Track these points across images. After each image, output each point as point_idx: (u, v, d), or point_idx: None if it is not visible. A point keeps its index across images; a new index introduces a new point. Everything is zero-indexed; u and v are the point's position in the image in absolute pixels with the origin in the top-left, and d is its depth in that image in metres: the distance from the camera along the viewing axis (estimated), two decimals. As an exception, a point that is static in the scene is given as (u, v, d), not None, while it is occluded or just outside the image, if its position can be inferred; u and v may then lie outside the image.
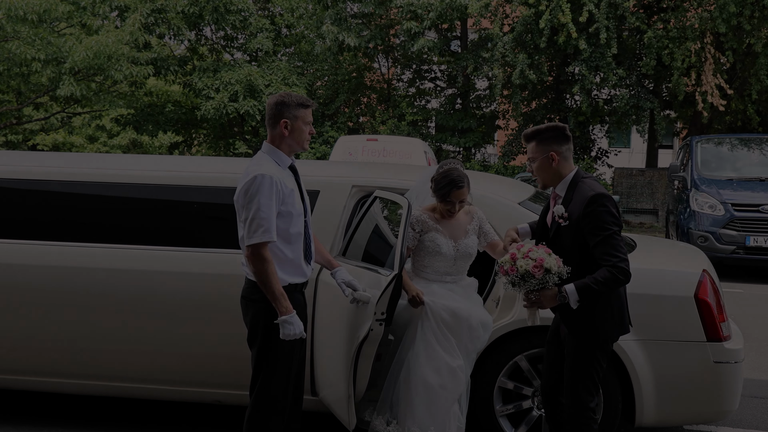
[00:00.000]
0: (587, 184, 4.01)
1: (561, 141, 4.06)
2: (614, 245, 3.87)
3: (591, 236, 3.89)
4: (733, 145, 14.15)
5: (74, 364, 5.08)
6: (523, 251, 3.91)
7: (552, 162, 4.04)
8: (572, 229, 3.97)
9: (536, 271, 3.86)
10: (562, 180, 4.07)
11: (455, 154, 24.29)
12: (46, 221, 5.24)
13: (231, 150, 27.42)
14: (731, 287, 11.48)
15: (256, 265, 3.88)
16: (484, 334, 4.63)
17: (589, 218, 3.89)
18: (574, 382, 4.04)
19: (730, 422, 5.65)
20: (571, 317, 4.01)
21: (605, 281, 3.86)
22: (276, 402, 4.04)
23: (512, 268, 3.92)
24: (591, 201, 3.89)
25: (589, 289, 3.88)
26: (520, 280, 3.93)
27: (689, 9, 18.94)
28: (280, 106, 4.04)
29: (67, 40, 19.82)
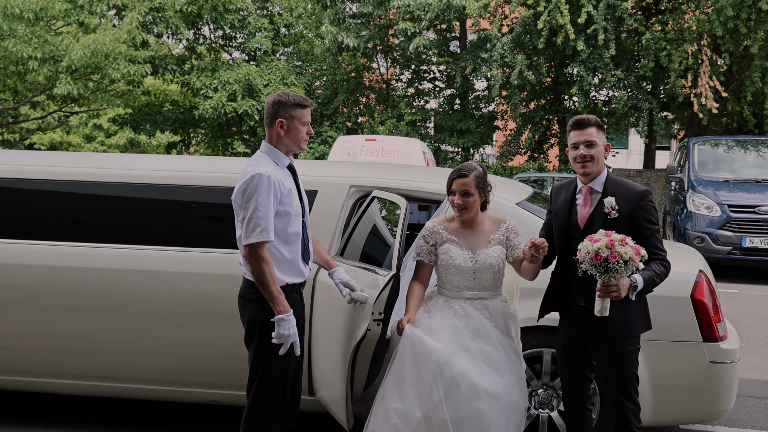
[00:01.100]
0: (624, 180, 4.12)
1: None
2: (660, 239, 4.02)
3: (642, 229, 3.98)
4: (729, 147, 14.19)
5: (70, 365, 5.06)
6: (617, 237, 3.80)
7: (605, 152, 4.15)
8: (619, 223, 3.98)
9: (636, 258, 3.79)
10: (599, 175, 4.12)
11: (454, 154, 24.32)
12: (41, 221, 5.21)
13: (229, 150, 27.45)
14: (727, 288, 11.52)
15: (254, 264, 3.89)
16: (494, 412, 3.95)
17: (643, 211, 3.99)
18: (624, 383, 4.02)
19: (726, 422, 5.67)
20: (611, 317, 3.95)
21: (661, 275, 3.97)
22: (273, 402, 4.04)
23: (613, 255, 3.76)
24: (643, 195, 4.02)
25: (652, 281, 3.95)
26: (622, 267, 3.78)
27: (687, 11, 18.98)
28: (277, 105, 4.04)
29: (64, 39, 19.78)
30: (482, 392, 3.93)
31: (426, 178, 5.27)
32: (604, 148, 4.11)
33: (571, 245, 4.03)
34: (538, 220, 4.82)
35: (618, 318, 3.98)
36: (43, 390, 5.25)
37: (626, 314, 3.99)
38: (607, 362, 4.04)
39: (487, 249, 4.22)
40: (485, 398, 3.93)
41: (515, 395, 4.05)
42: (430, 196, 5.07)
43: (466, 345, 4.08)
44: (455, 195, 4.25)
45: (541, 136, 22.73)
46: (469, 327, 4.14)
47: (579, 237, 4.01)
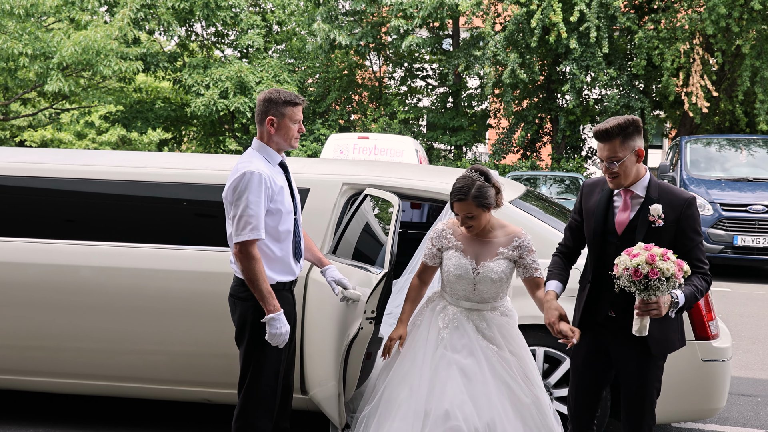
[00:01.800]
0: (671, 186, 3.80)
1: (641, 135, 3.75)
2: (703, 252, 3.74)
3: (687, 240, 3.68)
4: (721, 146, 14.24)
5: (61, 363, 5.04)
6: (658, 251, 3.51)
7: (639, 158, 3.73)
8: (665, 232, 3.68)
9: (679, 274, 3.51)
10: (641, 179, 3.75)
11: (446, 152, 24.32)
12: (32, 218, 5.19)
13: (221, 147, 27.40)
14: (719, 286, 11.54)
15: (244, 262, 3.87)
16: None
17: (689, 221, 3.68)
18: (647, 402, 3.80)
19: (718, 420, 5.68)
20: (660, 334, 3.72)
21: (702, 290, 3.69)
22: (264, 400, 4.03)
23: (654, 271, 3.47)
24: (690, 203, 3.69)
25: (693, 297, 3.66)
26: (664, 283, 3.49)
27: (680, 10, 19.02)
28: (268, 103, 4.01)
29: (55, 35, 19.68)
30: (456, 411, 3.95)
31: (418, 176, 5.26)
32: (635, 156, 3.69)
33: (606, 251, 3.75)
34: (531, 218, 4.82)
35: (657, 334, 3.71)
36: (34, 389, 5.22)
37: (665, 330, 3.74)
38: (633, 379, 3.79)
39: (492, 262, 4.08)
40: (459, 415, 3.93)
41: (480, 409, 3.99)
42: (422, 194, 5.06)
43: (447, 358, 4.08)
44: (458, 216, 4.12)
45: (533, 135, 22.75)
46: (454, 338, 4.11)
47: (616, 243, 3.73)
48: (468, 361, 4.05)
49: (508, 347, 4.10)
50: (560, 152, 22.00)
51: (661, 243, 3.58)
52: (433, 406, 3.98)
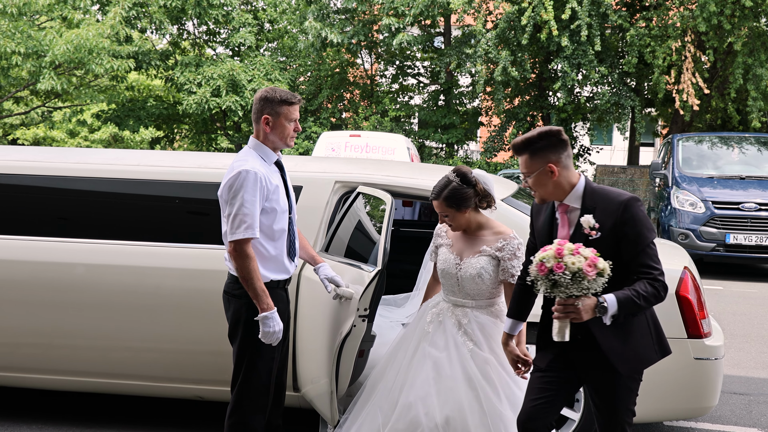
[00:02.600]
0: (608, 189, 3.49)
1: (558, 148, 3.45)
2: (653, 255, 3.38)
3: (631, 246, 3.37)
4: (713, 144, 14.27)
5: (54, 360, 5.05)
6: (570, 247, 3.29)
7: (552, 175, 3.44)
8: (604, 241, 3.38)
9: (589, 270, 3.25)
10: (572, 190, 3.49)
11: (438, 150, 24.33)
12: (24, 216, 5.19)
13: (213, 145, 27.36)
14: (711, 284, 11.57)
15: (238, 261, 3.87)
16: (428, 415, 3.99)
17: (629, 225, 3.37)
18: (617, 422, 3.51)
19: (710, 418, 5.69)
20: (611, 345, 3.41)
21: (647, 296, 3.33)
22: (257, 398, 4.03)
23: (559, 265, 3.26)
24: (628, 206, 3.38)
25: (630, 302, 3.32)
26: (569, 280, 3.26)
27: (671, 7, 19.04)
28: (263, 101, 4.01)
29: (47, 34, 19.63)
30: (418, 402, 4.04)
31: (410, 174, 5.26)
32: (548, 171, 3.43)
33: None
34: (524, 216, 4.81)
35: (622, 350, 3.42)
36: (27, 386, 5.23)
37: (633, 345, 3.44)
38: (603, 402, 3.53)
39: (474, 258, 4.09)
40: (420, 406, 4.02)
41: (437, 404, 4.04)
42: (414, 192, 5.06)
43: (423, 351, 4.18)
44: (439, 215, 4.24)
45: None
46: (436, 333, 4.19)
47: None
48: (442, 355, 4.11)
49: (487, 346, 4.10)
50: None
51: (602, 254, 3.30)
52: (402, 398, 4.09)
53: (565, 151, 3.47)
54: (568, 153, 3.49)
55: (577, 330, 3.42)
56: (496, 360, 4.09)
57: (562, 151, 3.46)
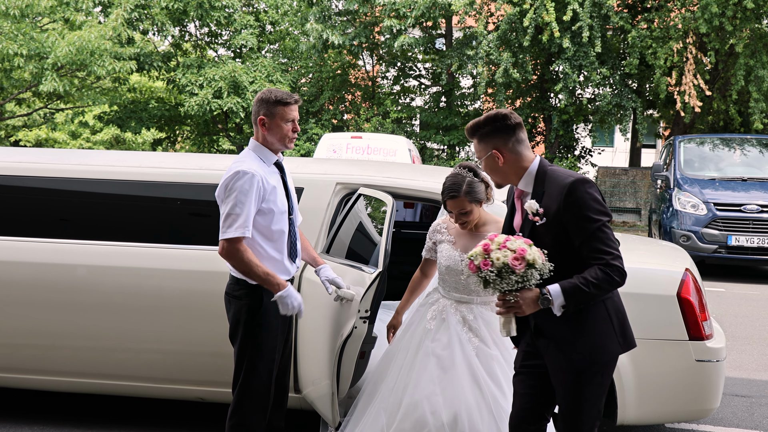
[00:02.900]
0: (559, 171, 3.32)
1: (504, 134, 3.35)
2: (605, 239, 3.19)
3: (577, 231, 3.20)
4: (715, 145, 14.25)
5: (55, 362, 5.05)
6: (498, 241, 3.22)
7: (497, 161, 3.36)
8: (551, 227, 3.27)
9: (516, 264, 3.15)
10: (525, 174, 3.36)
11: (440, 151, 24.32)
12: (26, 218, 5.20)
13: (215, 147, 27.35)
14: (713, 286, 11.56)
15: (231, 259, 3.89)
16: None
17: (573, 209, 3.19)
18: (576, 416, 3.34)
19: (712, 420, 5.69)
20: (563, 334, 3.30)
21: (598, 282, 3.17)
22: (258, 399, 4.03)
23: (486, 261, 3.20)
24: (571, 189, 3.20)
25: (578, 291, 3.17)
26: (495, 277, 3.20)
27: (673, 9, 19.03)
28: (259, 102, 4.03)
29: (49, 36, 19.67)
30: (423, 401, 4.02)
31: (412, 176, 5.26)
32: (493, 157, 3.35)
33: None
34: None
35: (573, 339, 3.28)
36: (28, 387, 5.24)
37: (587, 334, 3.28)
38: (562, 396, 3.37)
39: None
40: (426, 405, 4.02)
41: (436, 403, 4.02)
42: (415, 194, 5.06)
43: (426, 349, 4.18)
44: (452, 214, 4.23)
45: (529, 131, 22.76)
46: (439, 330, 4.20)
47: None
48: (445, 353, 4.12)
49: (493, 342, 4.13)
50: (553, 151, 22.00)
51: (550, 240, 3.24)
52: (406, 397, 4.07)
53: (512, 136, 3.36)
54: (517, 138, 3.37)
55: (535, 318, 3.37)
56: (502, 357, 4.11)
57: (509, 136, 3.36)
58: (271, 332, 4.03)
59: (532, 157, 3.39)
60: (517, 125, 3.37)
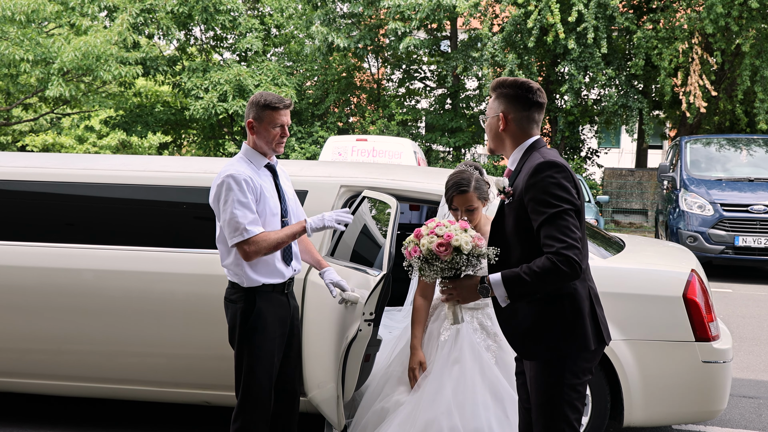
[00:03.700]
0: (543, 153, 3.12)
1: (518, 103, 3.21)
2: (561, 226, 2.95)
3: (534, 214, 3.00)
4: (722, 146, 14.21)
5: (62, 366, 5.06)
6: (430, 226, 3.15)
7: (500, 124, 3.22)
8: (514, 208, 3.09)
9: (441, 250, 3.05)
10: (515, 150, 3.22)
11: (445, 154, 24.30)
12: (33, 222, 5.21)
13: (221, 150, 27.38)
14: (720, 287, 11.52)
15: (256, 254, 3.89)
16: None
17: (533, 191, 3.00)
18: (542, 425, 3.12)
19: (719, 422, 5.66)
20: (512, 329, 3.13)
21: (542, 272, 2.94)
22: (258, 403, 4.03)
23: (415, 248, 3.12)
24: (537, 170, 3.01)
25: (518, 280, 2.97)
26: (424, 263, 3.11)
27: (678, 9, 19.00)
28: (249, 106, 4.05)
29: (55, 41, 19.76)
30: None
31: (417, 178, 5.25)
32: (497, 119, 3.22)
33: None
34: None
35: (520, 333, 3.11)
36: (35, 391, 5.25)
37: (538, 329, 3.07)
38: (532, 392, 3.17)
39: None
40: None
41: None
42: (420, 196, 5.05)
43: (441, 363, 4.11)
44: (458, 212, 4.14)
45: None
46: (455, 345, 4.12)
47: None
48: (463, 366, 4.05)
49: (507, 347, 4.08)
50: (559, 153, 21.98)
51: (511, 221, 3.09)
52: (422, 414, 4.00)
53: (526, 111, 3.20)
54: (530, 115, 3.21)
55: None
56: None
57: (523, 109, 3.21)
58: (267, 336, 4.01)
59: (530, 136, 3.23)
60: (536, 104, 3.21)
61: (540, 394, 3.10)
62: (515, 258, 3.09)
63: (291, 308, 4.18)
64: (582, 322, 3.06)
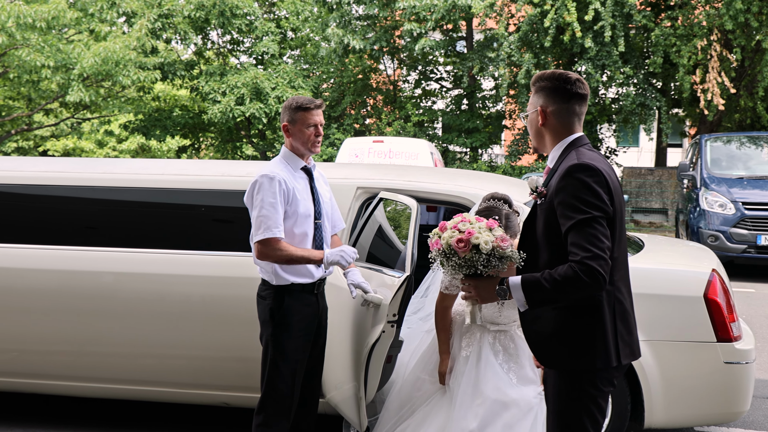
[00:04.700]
0: (579, 152, 2.97)
1: (557, 96, 3.06)
2: (588, 234, 2.80)
3: (562, 219, 2.86)
4: (742, 144, 14.08)
5: (82, 368, 5.11)
6: (455, 220, 3.10)
7: (538, 119, 3.09)
8: (545, 209, 2.97)
9: (460, 246, 2.99)
10: (555, 146, 3.08)
11: (462, 154, 24.27)
12: (54, 226, 5.25)
13: (238, 153, 27.51)
14: (743, 287, 11.41)
15: (269, 258, 3.96)
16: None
17: (562, 194, 2.86)
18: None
19: (742, 423, 5.61)
20: (533, 334, 3.03)
21: (562, 280, 2.80)
22: (280, 400, 4.07)
23: (437, 240, 3.09)
24: (569, 172, 2.87)
25: (537, 286, 2.86)
26: (443, 257, 3.07)
27: (697, 6, 18.87)
28: (283, 110, 4.18)
29: (75, 47, 19.96)
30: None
31: (432, 179, 5.25)
32: (536, 113, 3.10)
33: None
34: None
35: (536, 337, 3.02)
36: (56, 392, 5.30)
37: (552, 336, 2.97)
38: (550, 399, 3.07)
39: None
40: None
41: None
42: (436, 197, 5.05)
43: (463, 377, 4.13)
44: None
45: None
46: (478, 364, 4.10)
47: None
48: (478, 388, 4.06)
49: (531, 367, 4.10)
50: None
51: (541, 223, 2.99)
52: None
53: (565, 103, 3.06)
54: (569, 107, 3.06)
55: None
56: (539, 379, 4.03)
57: (562, 101, 3.06)
58: (294, 333, 4.06)
59: (572, 132, 3.08)
60: (576, 95, 3.05)
61: (558, 402, 2.99)
62: (543, 261, 2.98)
63: (320, 308, 4.23)
64: (604, 339, 2.91)
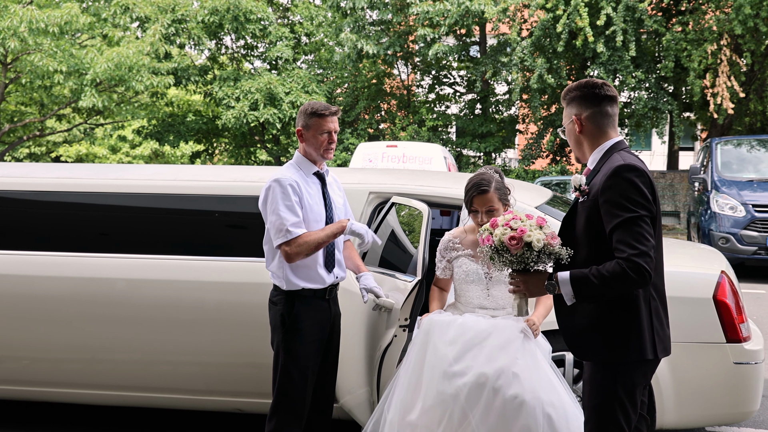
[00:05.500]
0: (623, 155, 3.10)
1: (588, 102, 3.20)
2: (635, 233, 2.93)
3: (607, 217, 2.99)
4: (752, 147, 14.08)
5: (95, 375, 5.11)
6: (507, 217, 3.19)
7: (575, 128, 3.23)
8: (587, 207, 3.09)
9: (513, 244, 3.09)
10: (595, 150, 3.21)
11: (476, 159, 24.28)
12: (67, 233, 5.27)
13: (252, 158, 27.57)
14: (753, 288, 11.40)
15: (297, 256, 3.97)
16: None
17: (609, 193, 2.98)
18: (593, 426, 3.11)
19: (752, 423, 5.63)
20: (569, 326, 3.15)
21: (610, 276, 2.93)
22: (291, 405, 4.09)
23: (488, 237, 3.19)
24: (615, 172, 2.99)
25: (586, 281, 2.98)
26: (495, 253, 3.18)
27: (707, 11, 18.86)
28: (299, 115, 4.19)
29: (88, 52, 20.01)
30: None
31: (445, 183, 5.28)
32: (572, 123, 3.25)
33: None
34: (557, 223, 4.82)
35: (572, 330, 3.15)
36: (69, 400, 5.29)
37: (588, 328, 3.10)
38: (586, 393, 3.18)
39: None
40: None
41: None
42: (449, 201, 5.07)
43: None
44: (478, 214, 4.06)
45: (562, 139, 22.66)
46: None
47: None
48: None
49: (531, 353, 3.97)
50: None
51: (583, 221, 3.11)
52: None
53: (597, 107, 3.20)
54: (602, 110, 3.21)
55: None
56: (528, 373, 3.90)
57: (594, 106, 3.21)
58: (305, 339, 4.07)
59: (610, 137, 3.22)
60: (606, 98, 3.20)
61: (594, 395, 3.10)
62: (582, 257, 3.10)
63: (332, 314, 4.22)
64: (639, 332, 3.05)
